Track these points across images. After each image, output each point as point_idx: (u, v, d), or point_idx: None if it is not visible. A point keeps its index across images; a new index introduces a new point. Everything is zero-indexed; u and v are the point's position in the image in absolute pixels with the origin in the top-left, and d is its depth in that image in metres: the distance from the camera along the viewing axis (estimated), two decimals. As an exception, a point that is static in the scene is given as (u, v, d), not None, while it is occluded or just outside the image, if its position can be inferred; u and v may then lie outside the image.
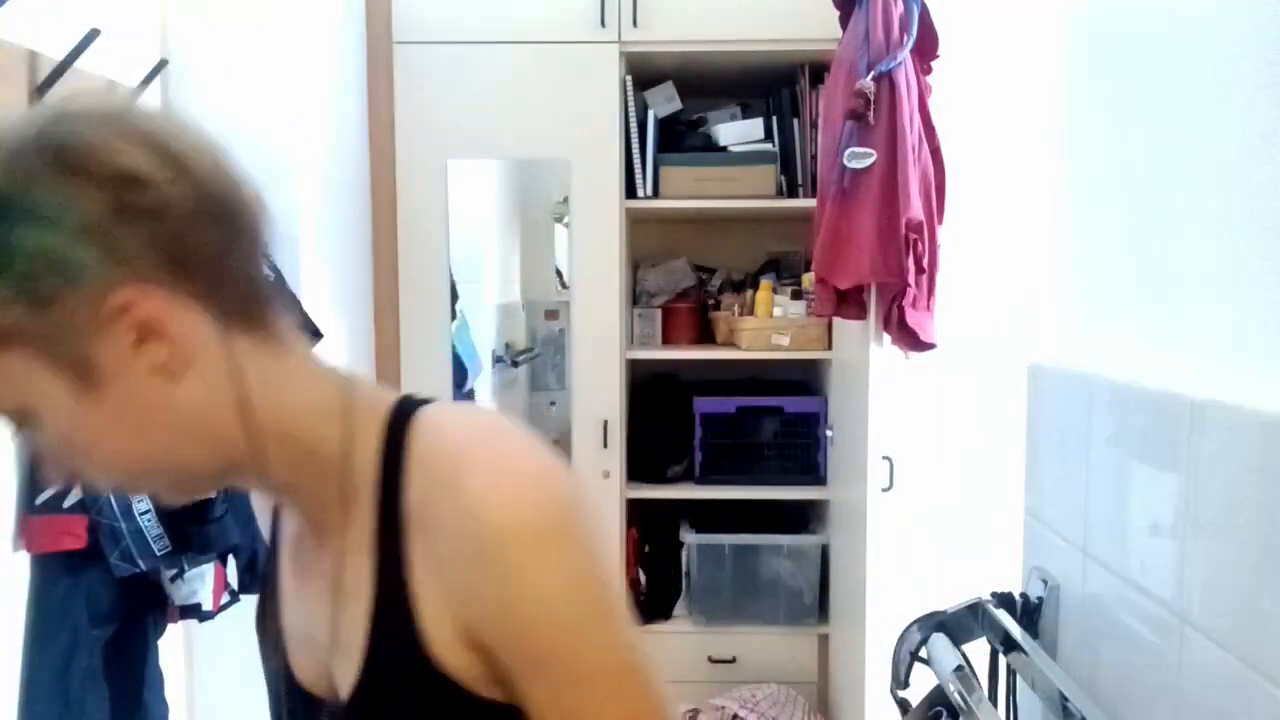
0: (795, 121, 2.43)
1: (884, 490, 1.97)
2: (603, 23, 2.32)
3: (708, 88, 2.61)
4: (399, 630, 0.59)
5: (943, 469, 2.33)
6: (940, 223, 1.82)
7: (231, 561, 1.67)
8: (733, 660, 2.52)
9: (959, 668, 1.04)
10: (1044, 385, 1.17)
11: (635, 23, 2.32)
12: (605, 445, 2.42)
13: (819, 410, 2.49)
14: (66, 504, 1.39)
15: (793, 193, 2.44)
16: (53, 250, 0.53)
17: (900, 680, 1.16)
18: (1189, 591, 0.82)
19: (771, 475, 2.51)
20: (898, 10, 1.75)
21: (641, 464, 2.52)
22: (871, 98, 1.71)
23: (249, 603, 1.74)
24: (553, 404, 2.78)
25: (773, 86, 2.50)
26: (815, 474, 2.50)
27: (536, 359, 2.80)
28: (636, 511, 2.54)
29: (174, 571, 1.59)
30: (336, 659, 0.64)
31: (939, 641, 1.11)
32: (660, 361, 2.65)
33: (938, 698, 1.07)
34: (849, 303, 1.91)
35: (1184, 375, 0.85)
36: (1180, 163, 0.89)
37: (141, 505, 1.45)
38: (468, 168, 2.45)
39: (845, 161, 1.76)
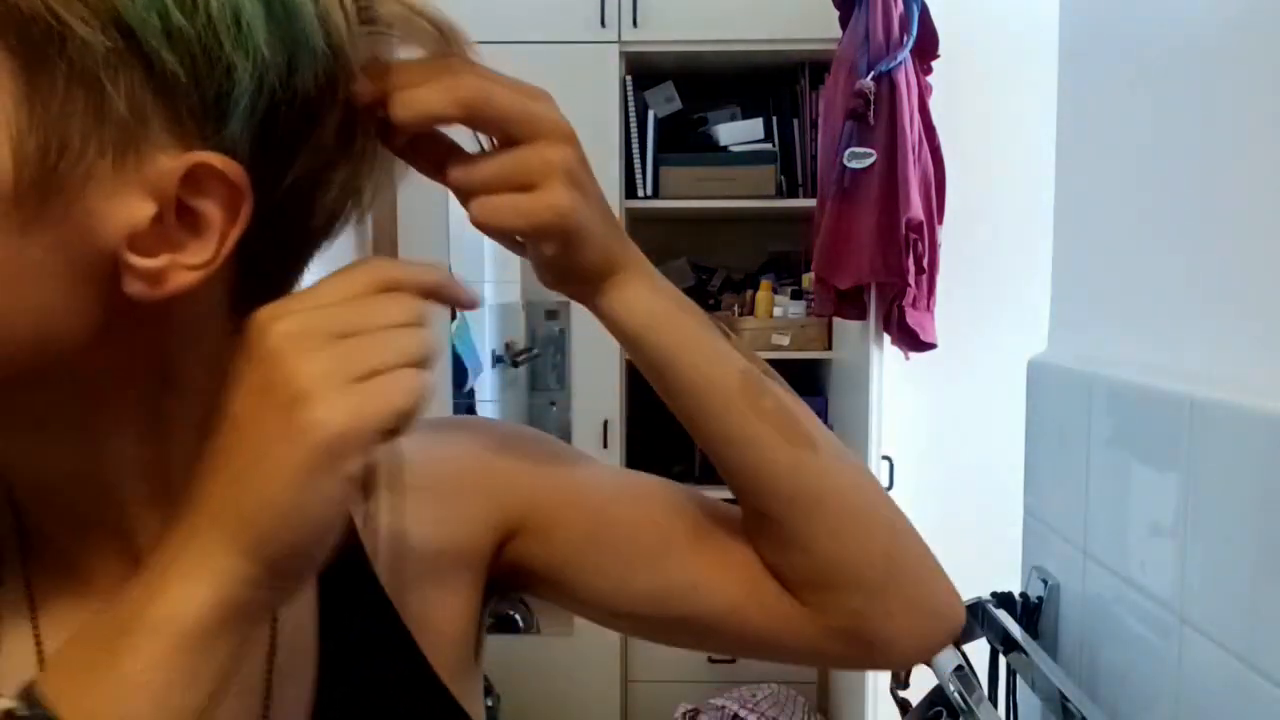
0: (795, 121, 2.44)
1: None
2: (603, 23, 2.32)
3: (708, 88, 2.61)
4: (397, 658, 0.50)
5: (943, 469, 2.33)
6: (940, 223, 1.82)
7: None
8: (733, 660, 2.52)
9: (959, 668, 1.04)
10: (1044, 385, 1.17)
11: (635, 23, 2.32)
12: (605, 445, 2.42)
13: (819, 410, 2.49)
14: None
15: (793, 193, 2.44)
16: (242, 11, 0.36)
17: (900, 680, 1.15)
18: (1189, 591, 0.82)
19: (771, 475, 2.50)
20: (898, 10, 1.75)
21: (641, 464, 2.51)
22: (871, 98, 1.71)
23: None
24: (553, 404, 2.78)
25: (773, 86, 2.50)
26: (815, 474, 2.50)
27: (537, 359, 2.80)
28: (636, 511, 2.53)
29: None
30: None
31: (939, 641, 1.10)
32: (660, 361, 2.64)
33: (938, 698, 1.07)
34: (849, 303, 1.91)
35: (1184, 375, 0.85)
36: (1180, 161, 0.89)
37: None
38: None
39: (845, 161, 1.76)
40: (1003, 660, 1.11)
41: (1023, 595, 1.14)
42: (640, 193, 2.40)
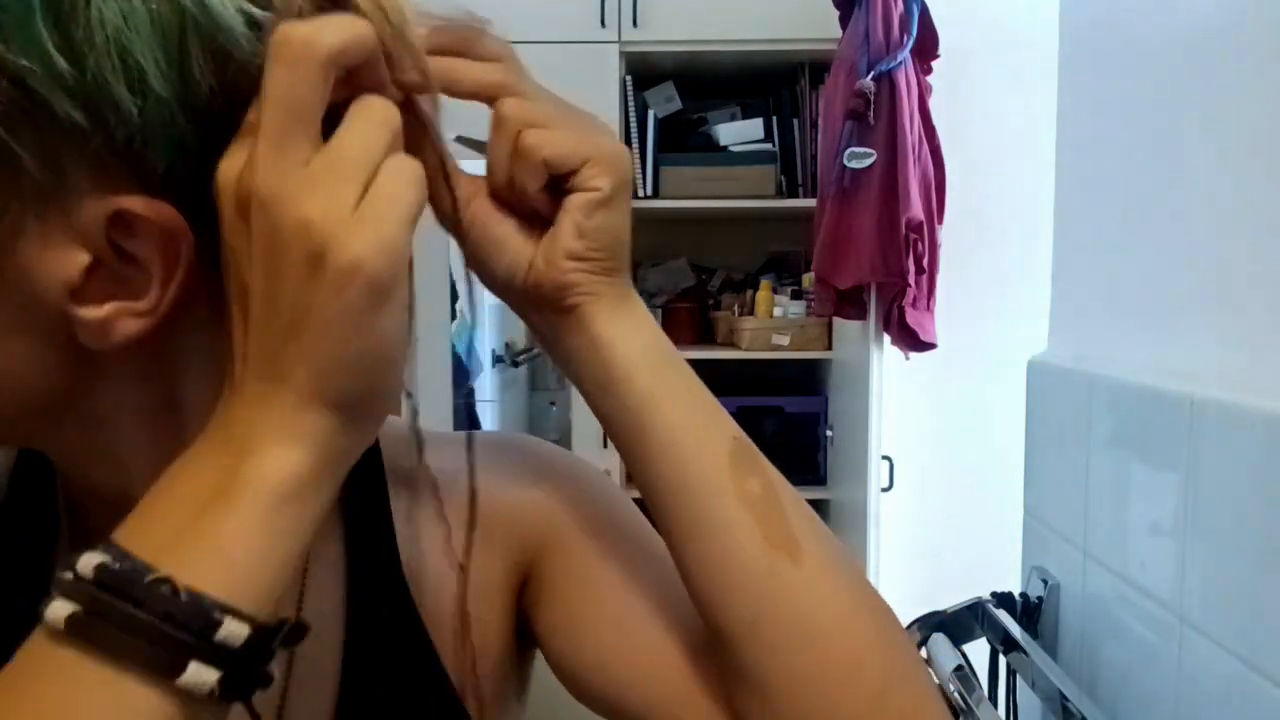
0: (795, 121, 2.44)
1: (884, 490, 1.97)
2: (603, 23, 2.32)
3: (708, 88, 2.61)
4: (422, 676, 0.49)
5: (943, 469, 2.33)
6: (940, 223, 1.82)
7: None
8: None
9: (959, 668, 1.04)
10: (1044, 384, 1.17)
11: (635, 23, 2.32)
12: (605, 445, 2.42)
13: (819, 410, 2.49)
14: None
15: (793, 193, 2.44)
16: (128, 50, 0.33)
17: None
18: (1189, 591, 0.82)
19: (771, 475, 2.50)
20: (898, 10, 1.75)
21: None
22: (871, 98, 1.71)
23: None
24: (553, 404, 2.78)
25: (773, 86, 2.50)
26: (815, 474, 2.50)
27: (536, 359, 2.80)
28: (636, 511, 2.53)
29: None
30: None
31: (939, 641, 1.11)
32: (660, 361, 2.64)
33: (938, 698, 1.07)
34: (849, 303, 1.91)
35: (1184, 375, 0.85)
36: (1180, 161, 0.89)
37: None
38: (468, 167, 2.45)
39: (845, 161, 1.76)
40: (1003, 660, 1.11)
41: (1023, 595, 1.14)
42: (640, 193, 2.40)
